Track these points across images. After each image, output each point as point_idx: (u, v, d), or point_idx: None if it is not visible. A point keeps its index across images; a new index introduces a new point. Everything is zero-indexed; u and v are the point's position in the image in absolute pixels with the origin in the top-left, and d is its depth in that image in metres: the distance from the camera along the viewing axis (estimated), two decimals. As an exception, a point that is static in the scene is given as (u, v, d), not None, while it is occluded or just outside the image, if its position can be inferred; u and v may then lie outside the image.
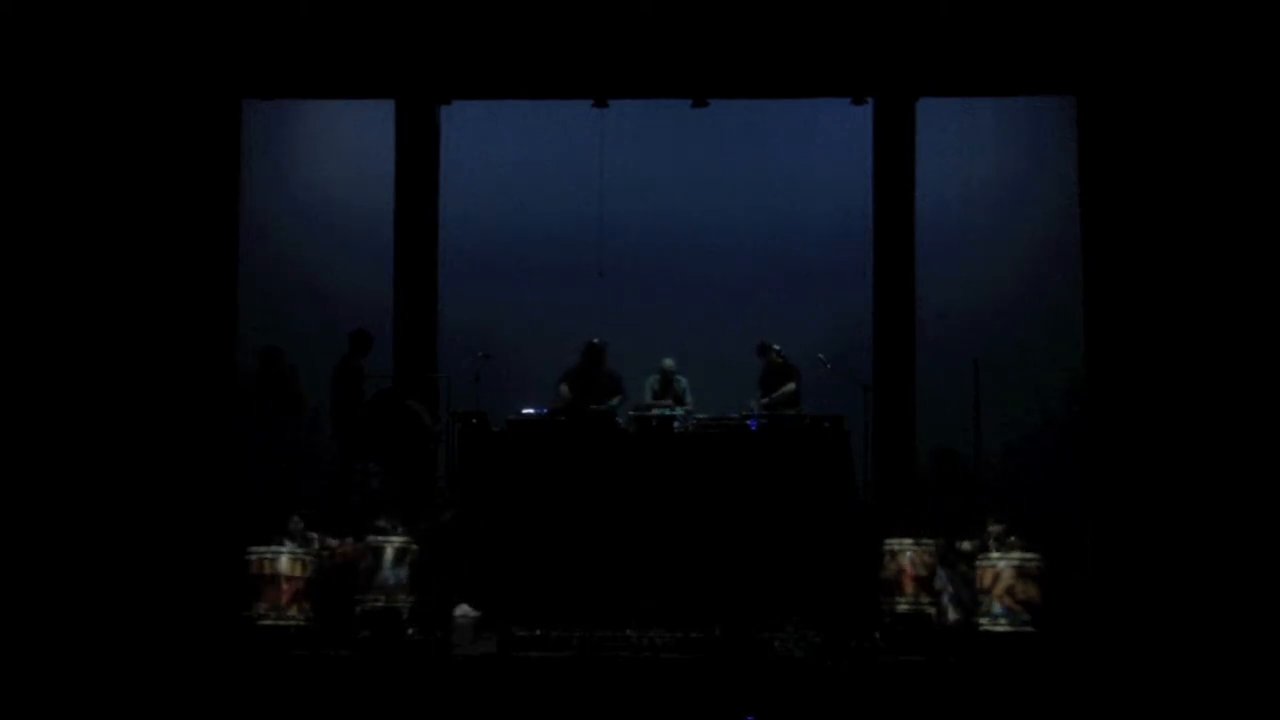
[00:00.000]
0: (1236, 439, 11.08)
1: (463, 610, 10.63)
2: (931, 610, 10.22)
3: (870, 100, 12.74)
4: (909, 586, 10.27)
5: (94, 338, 11.60)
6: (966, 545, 10.41)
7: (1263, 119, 11.30)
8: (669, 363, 12.90)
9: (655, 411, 12.29)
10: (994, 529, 10.27)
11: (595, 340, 12.79)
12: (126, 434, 11.48)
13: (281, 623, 9.82)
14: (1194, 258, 11.51)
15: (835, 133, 13.68)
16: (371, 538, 10.34)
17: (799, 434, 11.90)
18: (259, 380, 12.60)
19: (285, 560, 9.94)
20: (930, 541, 10.38)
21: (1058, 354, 12.84)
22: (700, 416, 12.21)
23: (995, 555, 9.95)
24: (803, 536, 11.19)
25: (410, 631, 9.86)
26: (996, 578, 9.83)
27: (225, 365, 12.36)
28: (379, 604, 10.09)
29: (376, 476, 12.33)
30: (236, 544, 10.26)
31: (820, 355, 12.48)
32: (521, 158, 14.35)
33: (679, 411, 12.33)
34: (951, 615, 10.22)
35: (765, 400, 12.65)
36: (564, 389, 12.60)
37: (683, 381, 12.89)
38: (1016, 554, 9.90)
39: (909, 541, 10.33)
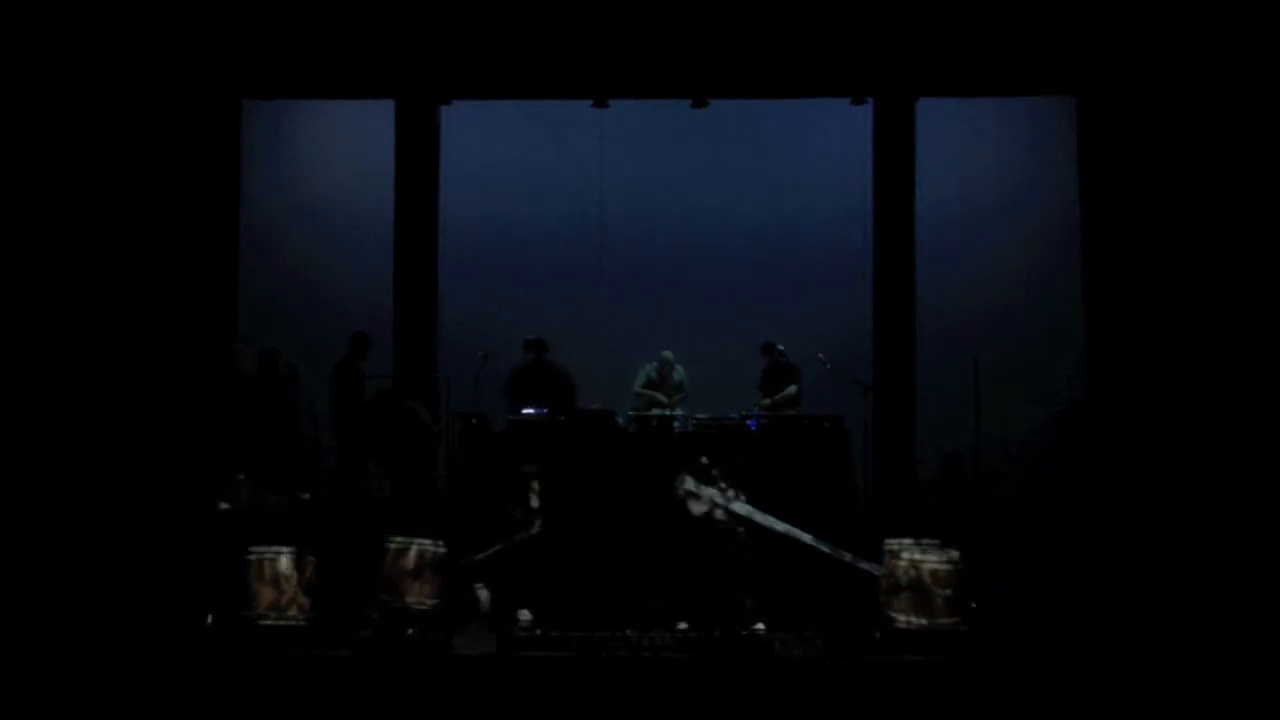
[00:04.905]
0: (1236, 437, 11.09)
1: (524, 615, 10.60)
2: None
3: (870, 100, 12.75)
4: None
5: (94, 338, 11.62)
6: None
7: (1263, 119, 11.31)
8: (668, 355, 12.98)
9: (655, 411, 12.32)
10: (704, 460, 10.43)
11: (531, 337, 12.75)
12: (125, 434, 11.50)
13: (281, 623, 9.82)
14: (1194, 257, 11.53)
15: (835, 133, 13.68)
16: (399, 539, 10.29)
17: (799, 434, 11.89)
18: (258, 381, 12.60)
19: (285, 560, 9.93)
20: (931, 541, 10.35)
21: (1057, 354, 12.87)
22: (700, 416, 12.21)
23: (907, 550, 9.87)
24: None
25: (410, 631, 9.85)
26: (912, 574, 9.79)
27: (224, 366, 12.38)
28: (401, 605, 10.07)
29: (377, 478, 12.33)
30: (235, 544, 10.26)
31: (820, 355, 12.48)
32: (521, 158, 14.36)
33: (678, 411, 12.36)
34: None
35: (767, 402, 12.67)
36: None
37: (680, 370, 12.97)
38: (934, 554, 9.85)
39: (909, 542, 10.31)
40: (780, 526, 10.16)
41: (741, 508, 10.26)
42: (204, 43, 12.07)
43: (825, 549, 10.08)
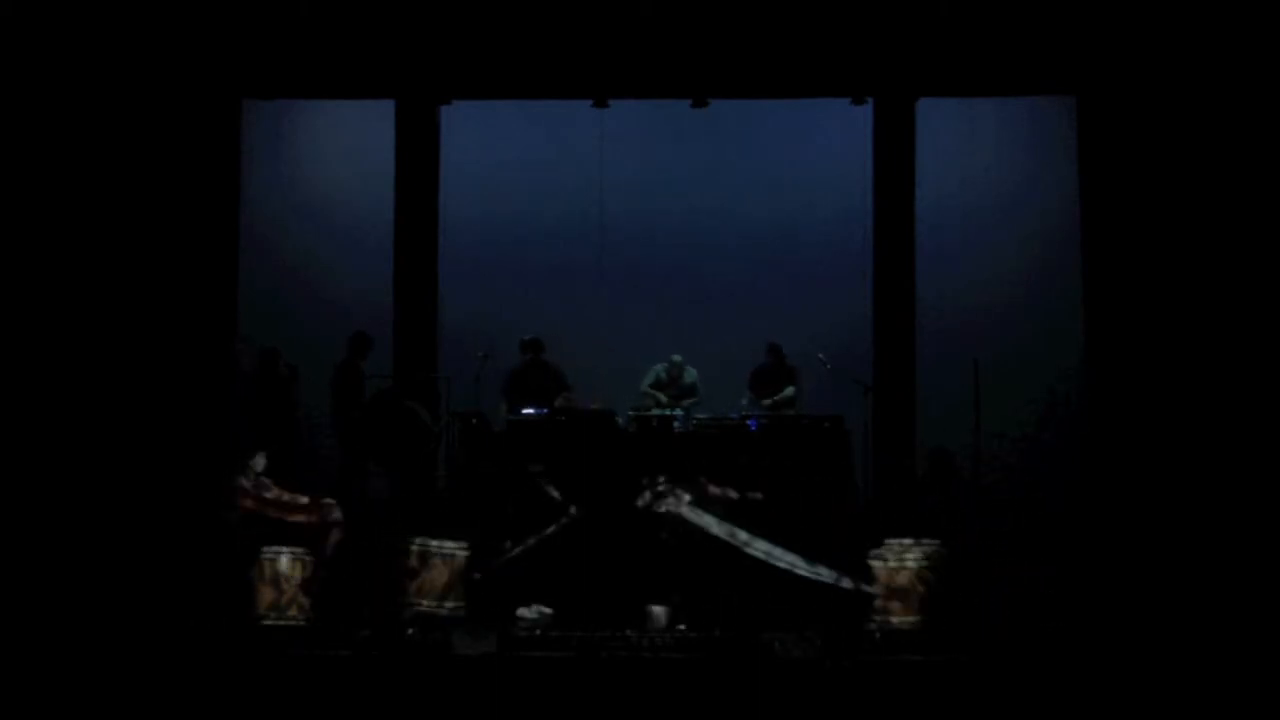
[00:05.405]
0: (1236, 437, 11.09)
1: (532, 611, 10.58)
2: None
3: (870, 100, 12.74)
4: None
5: (94, 338, 11.62)
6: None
7: (1263, 119, 11.31)
8: (678, 358, 13.03)
9: (655, 411, 12.33)
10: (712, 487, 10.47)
11: (528, 337, 12.80)
12: (125, 434, 11.49)
13: (281, 623, 9.83)
14: (1194, 257, 11.53)
15: (835, 133, 13.67)
16: (420, 541, 10.28)
17: (799, 434, 11.90)
18: (258, 381, 12.60)
19: (285, 560, 9.94)
20: (931, 542, 10.35)
21: (1057, 354, 12.86)
22: (700, 416, 12.22)
23: (895, 554, 9.90)
24: (802, 537, 11.17)
25: (410, 631, 9.85)
26: (897, 575, 9.82)
27: (224, 366, 12.38)
28: (401, 605, 10.07)
29: (377, 478, 12.33)
30: (235, 544, 10.26)
31: (820, 355, 12.49)
32: (521, 158, 14.34)
33: (678, 411, 12.37)
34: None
35: (767, 403, 12.68)
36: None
37: (692, 373, 12.99)
38: (917, 552, 9.88)
39: (909, 542, 10.31)
40: (760, 548, 10.19)
41: (722, 528, 10.28)
42: (204, 43, 12.07)
43: (808, 573, 10.08)
